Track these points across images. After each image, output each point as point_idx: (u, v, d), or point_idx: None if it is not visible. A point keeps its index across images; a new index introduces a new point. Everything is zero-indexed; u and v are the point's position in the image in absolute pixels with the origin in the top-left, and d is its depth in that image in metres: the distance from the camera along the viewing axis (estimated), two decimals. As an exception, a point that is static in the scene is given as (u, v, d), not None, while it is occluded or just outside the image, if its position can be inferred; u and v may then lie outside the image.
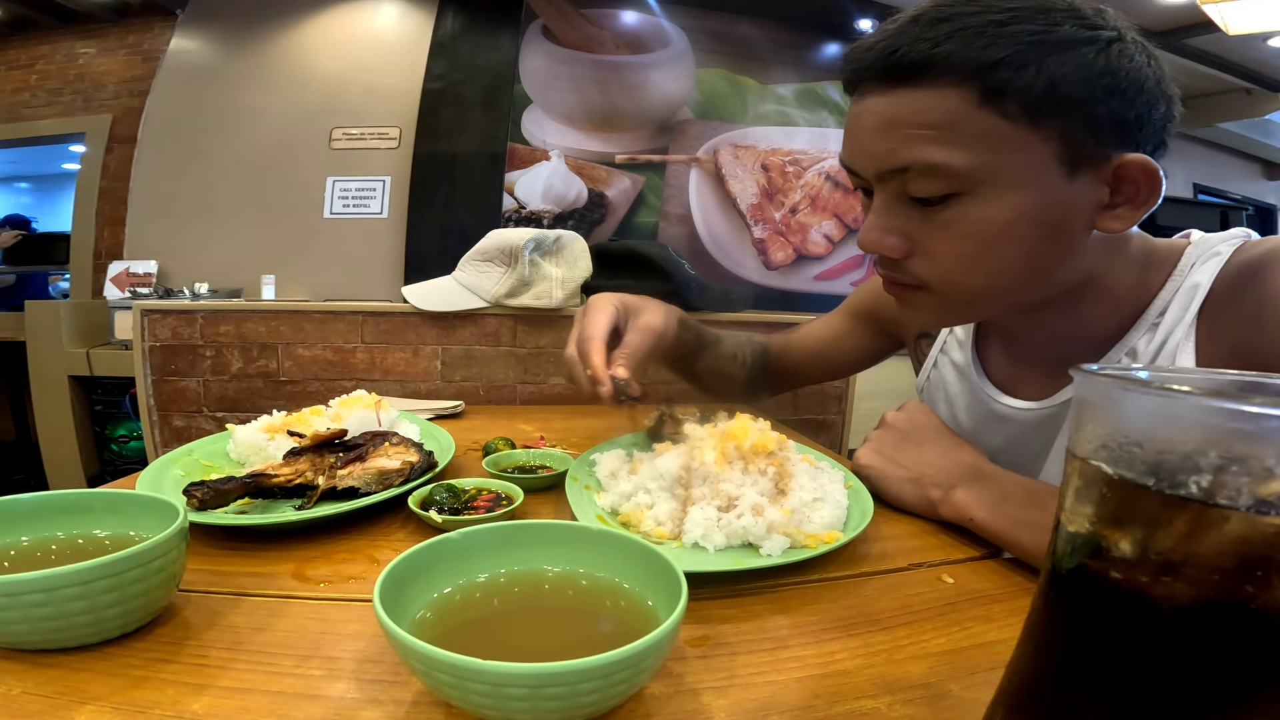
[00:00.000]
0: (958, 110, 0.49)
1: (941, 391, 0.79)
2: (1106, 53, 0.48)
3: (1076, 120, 0.48)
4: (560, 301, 1.46)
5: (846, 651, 0.39)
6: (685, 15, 3.61)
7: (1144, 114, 0.49)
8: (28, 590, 0.33)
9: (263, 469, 0.58)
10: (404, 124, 3.42)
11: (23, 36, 3.55)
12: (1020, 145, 0.49)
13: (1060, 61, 0.47)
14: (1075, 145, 0.49)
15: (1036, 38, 0.47)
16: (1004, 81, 0.47)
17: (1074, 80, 0.47)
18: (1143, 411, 0.22)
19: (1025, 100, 0.47)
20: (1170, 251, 0.59)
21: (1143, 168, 0.50)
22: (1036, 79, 0.47)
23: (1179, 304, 0.56)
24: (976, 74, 0.48)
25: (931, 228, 0.53)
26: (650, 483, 0.57)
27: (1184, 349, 0.55)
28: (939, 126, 0.49)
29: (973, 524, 0.55)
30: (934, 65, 0.49)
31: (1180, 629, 0.21)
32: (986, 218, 0.51)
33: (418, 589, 0.36)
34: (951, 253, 0.54)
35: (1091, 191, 0.51)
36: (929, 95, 0.49)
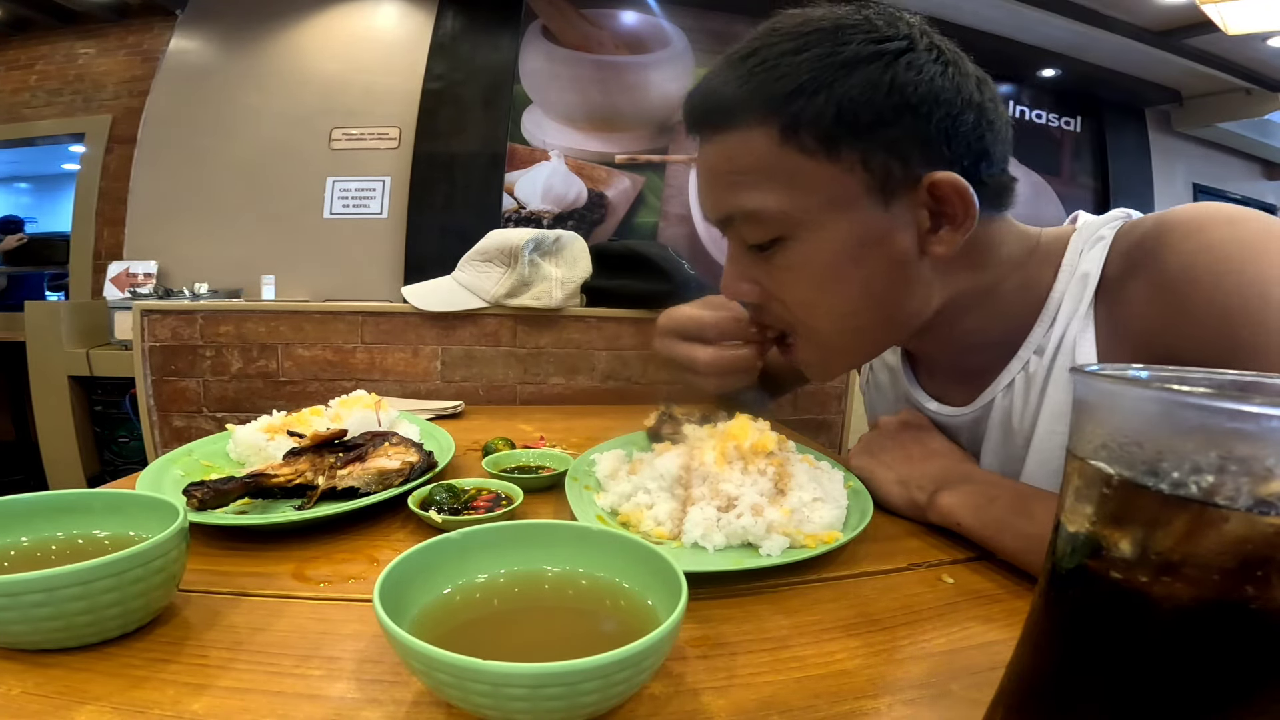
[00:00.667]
0: (762, 152, 0.49)
1: (879, 393, 0.80)
2: (894, 67, 0.47)
3: (874, 145, 0.48)
4: (560, 301, 1.46)
5: (846, 651, 0.39)
6: (685, 15, 3.61)
7: (948, 127, 0.48)
8: (28, 590, 0.33)
9: (263, 469, 0.58)
10: (404, 124, 3.42)
11: (23, 36, 3.55)
12: (825, 181, 0.49)
13: (847, 85, 0.47)
14: (881, 172, 0.49)
15: (825, 61, 0.47)
16: (797, 113, 0.47)
17: (860, 102, 0.47)
18: (1143, 411, 0.22)
19: (818, 131, 0.48)
20: (1056, 241, 0.58)
21: (953, 185, 0.49)
22: (826, 106, 0.47)
23: (1072, 295, 0.55)
24: (774, 110, 0.48)
25: (771, 270, 0.55)
26: (650, 483, 0.57)
27: (1083, 339, 0.54)
28: (749, 171, 0.50)
29: (959, 528, 0.55)
30: (737, 107, 0.49)
31: (1180, 629, 0.21)
32: (810, 259, 0.52)
33: (418, 589, 0.36)
34: (793, 296, 0.55)
35: (910, 217, 0.51)
36: (738, 139, 0.50)
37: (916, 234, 0.51)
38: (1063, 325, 0.56)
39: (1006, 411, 0.61)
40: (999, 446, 0.62)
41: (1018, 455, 0.59)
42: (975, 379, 0.64)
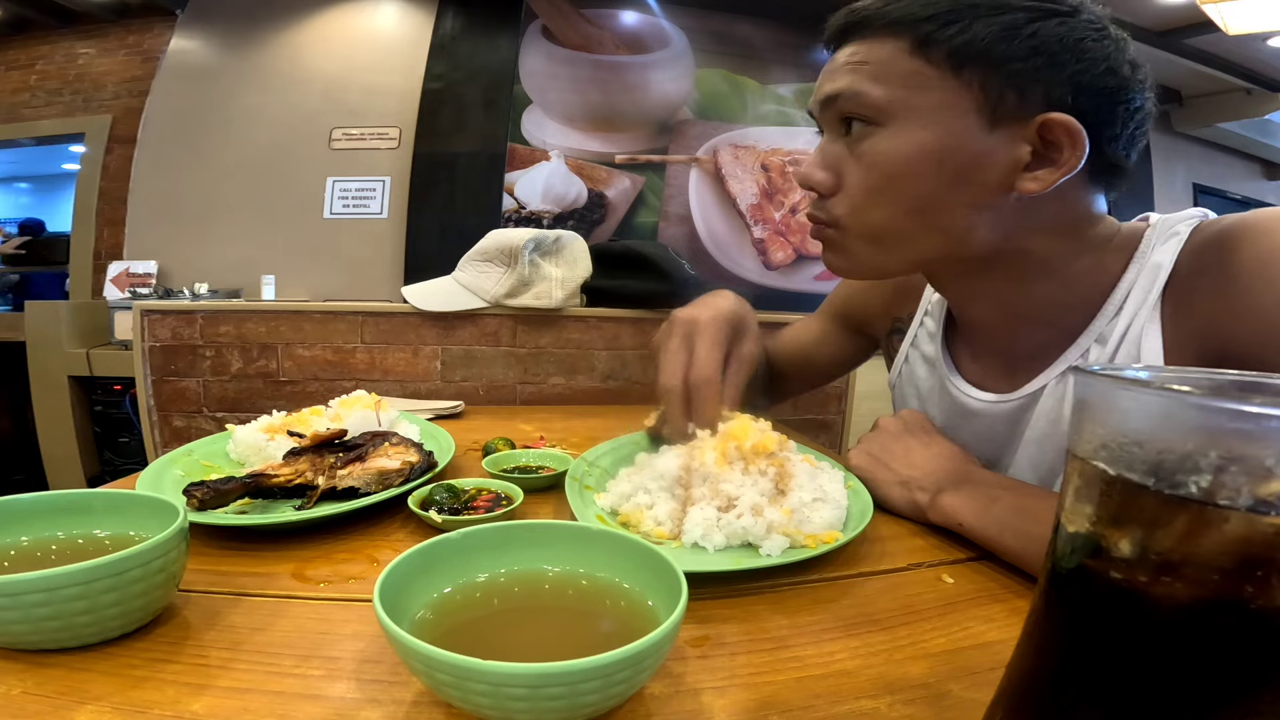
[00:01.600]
0: (890, 54, 0.54)
1: (912, 386, 0.79)
2: (1044, 22, 0.51)
3: (997, 73, 0.51)
4: (560, 301, 1.46)
5: (846, 651, 0.39)
6: (685, 15, 3.61)
7: (1082, 81, 0.51)
8: (28, 590, 0.33)
9: (263, 469, 0.58)
10: (404, 124, 3.42)
11: (23, 36, 3.55)
12: (939, 88, 0.52)
13: (988, 23, 0.51)
14: (996, 98, 0.51)
15: (973, 4, 0.51)
16: (932, 32, 0.52)
17: (996, 38, 0.51)
18: (1143, 411, 0.22)
19: (948, 49, 0.52)
20: (1131, 235, 0.59)
21: (1065, 127, 0.51)
22: (960, 33, 0.51)
23: (1141, 286, 0.56)
24: (911, 26, 0.53)
25: (853, 161, 0.57)
26: (650, 483, 0.57)
27: (1149, 331, 0.54)
28: (871, 63, 0.55)
29: (961, 529, 0.55)
30: (880, 19, 0.54)
31: (1180, 629, 0.21)
32: (892, 150, 0.54)
33: (418, 589, 0.36)
34: (860, 184, 0.57)
35: (1011, 148, 0.52)
36: (872, 44, 0.55)
37: (1011, 166, 0.53)
38: (1129, 317, 0.56)
39: (1059, 400, 0.60)
40: (1044, 437, 0.62)
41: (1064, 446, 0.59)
42: (1024, 364, 0.63)
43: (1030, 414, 0.63)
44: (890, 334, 0.85)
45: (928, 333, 0.77)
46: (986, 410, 0.67)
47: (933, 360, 0.75)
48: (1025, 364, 0.64)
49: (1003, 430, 0.66)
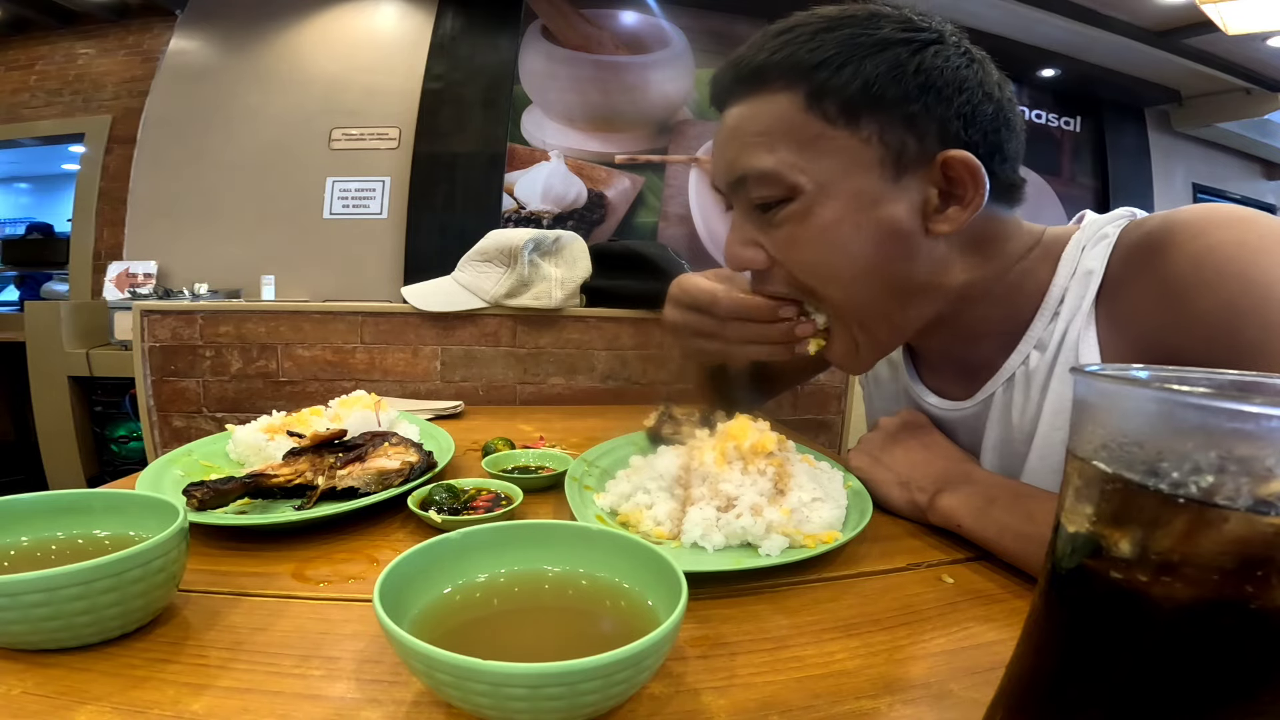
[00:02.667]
0: (786, 115, 0.52)
1: (878, 387, 0.80)
2: (922, 53, 0.50)
3: (894, 119, 0.50)
4: (560, 302, 1.46)
5: (846, 651, 0.39)
6: (685, 15, 3.61)
7: (967, 113, 0.51)
8: (28, 590, 0.33)
9: (262, 469, 0.58)
10: (404, 124, 3.42)
11: (23, 36, 3.55)
12: (841, 149, 0.51)
13: (876, 61, 0.50)
14: (897, 146, 0.51)
15: (856, 39, 0.50)
16: (824, 82, 0.50)
17: (886, 78, 0.50)
18: (1143, 411, 0.22)
19: (842, 100, 0.50)
20: (1057, 238, 0.59)
21: (965, 164, 0.51)
22: (853, 79, 0.50)
23: (1075, 292, 0.55)
24: (802, 76, 0.51)
25: (776, 234, 0.55)
26: (649, 483, 0.57)
27: (1085, 338, 0.54)
28: (769, 132, 0.52)
29: (959, 530, 0.55)
30: (767, 70, 0.52)
31: (1180, 629, 0.21)
32: (813, 224, 0.53)
33: (418, 589, 0.36)
34: (796, 260, 0.55)
35: (919, 194, 0.52)
36: (763, 101, 0.53)
37: (923, 210, 0.53)
38: (1065, 321, 0.56)
39: (1007, 406, 0.61)
40: (999, 442, 0.62)
41: (1019, 451, 0.59)
42: (976, 373, 0.64)
43: (985, 420, 0.63)
44: None
45: None
46: (945, 416, 0.67)
47: (896, 364, 0.76)
48: (976, 372, 0.64)
49: (963, 436, 0.66)
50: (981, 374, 0.63)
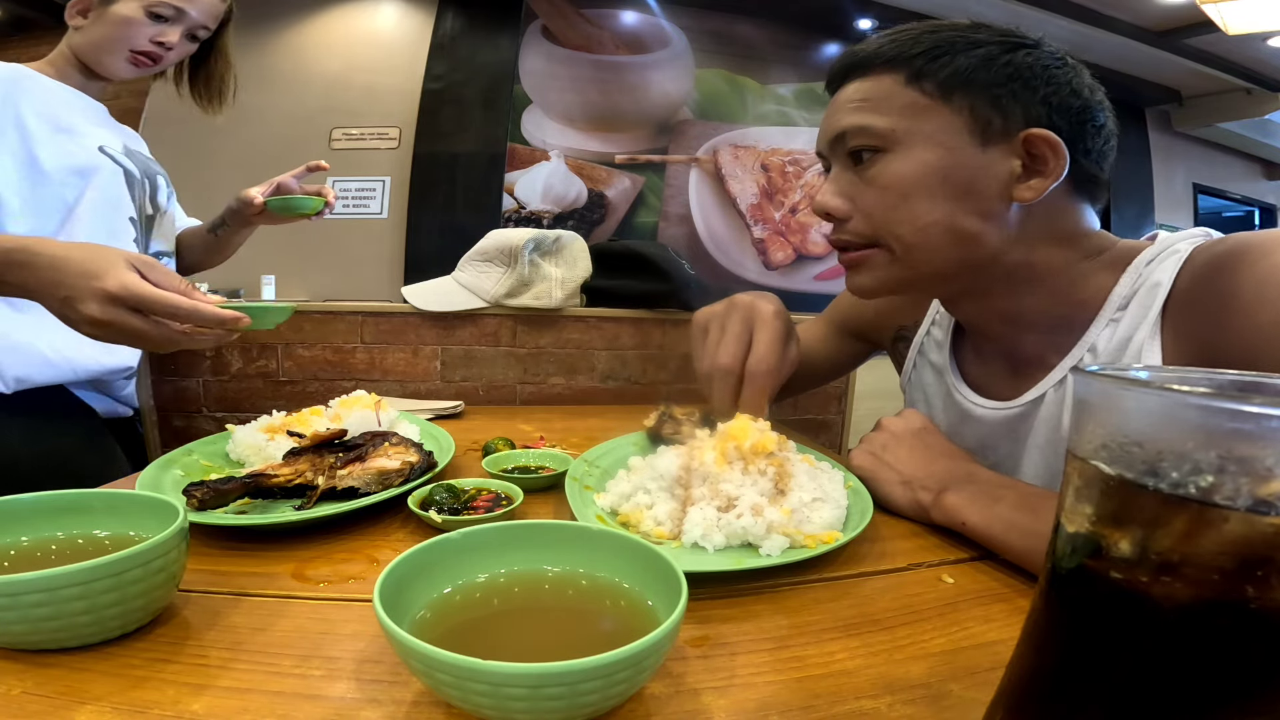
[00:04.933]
0: (887, 88, 0.60)
1: (920, 392, 0.81)
2: (1014, 54, 0.58)
3: (983, 99, 0.58)
4: (560, 301, 1.46)
5: (846, 651, 0.39)
6: (685, 15, 3.61)
7: (1053, 102, 0.58)
8: (28, 590, 0.33)
9: (263, 469, 0.58)
10: (404, 124, 3.42)
11: (22, 36, 3.54)
12: (933, 114, 0.59)
13: (971, 55, 0.58)
14: (984, 120, 0.58)
15: (956, 39, 0.59)
16: (923, 66, 0.59)
17: (978, 68, 0.58)
18: (1143, 411, 0.22)
19: (940, 80, 0.58)
20: (1128, 250, 0.61)
21: (1046, 140, 0.57)
22: (948, 64, 0.58)
23: (1140, 302, 0.57)
24: (905, 62, 0.60)
25: (864, 185, 0.62)
26: (650, 483, 0.57)
27: (1150, 347, 0.56)
28: (872, 99, 0.61)
29: (964, 528, 0.55)
30: (875, 58, 0.61)
31: (1180, 629, 0.21)
32: (902, 171, 0.60)
33: (418, 589, 0.36)
34: (877, 205, 0.62)
35: (1003, 162, 0.58)
36: (869, 80, 0.62)
37: (1006, 178, 0.58)
38: (1127, 329, 0.58)
39: (1059, 407, 0.62)
40: (1047, 442, 0.63)
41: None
42: (1025, 370, 0.66)
43: (1033, 421, 0.65)
44: (895, 341, 0.87)
45: (935, 341, 0.79)
46: (989, 416, 0.69)
47: (939, 368, 0.77)
48: (1027, 371, 0.66)
49: (1006, 437, 0.67)
50: (1027, 373, 0.65)
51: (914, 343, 0.82)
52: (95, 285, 0.64)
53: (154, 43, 0.99)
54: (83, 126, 1.00)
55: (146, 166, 1.14)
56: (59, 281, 0.65)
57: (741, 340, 0.69)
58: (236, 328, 0.67)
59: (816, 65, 3.71)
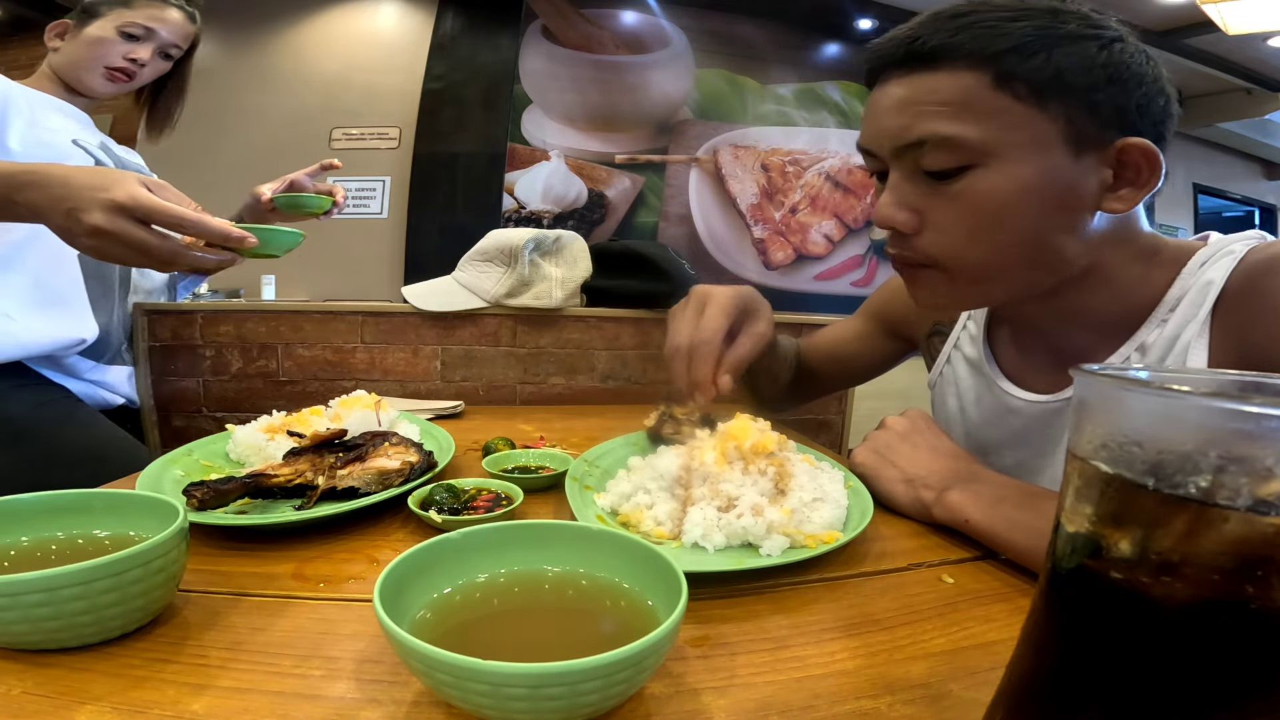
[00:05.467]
0: (972, 90, 0.53)
1: (953, 386, 0.80)
2: (1109, 49, 0.52)
3: (1080, 104, 0.52)
4: (560, 301, 1.46)
5: (846, 651, 0.39)
6: (685, 15, 3.61)
7: (1143, 104, 0.53)
8: (28, 590, 0.33)
9: (263, 469, 0.58)
10: (404, 124, 3.42)
11: (23, 36, 3.55)
12: (1028, 123, 0.53)
13: (1066, 52, 0.52)
14: (1079, 127, 0.53)
15: (1045, 31, 0.52)
16: (1014, 66, 0.52)
17: (1077, 69, 0.52)
18: (1143, 411, 0.22)
19: (1033, 83, 0.52)
20: (1182, 250, 0.60)
21: (1143, 151, 0.53)
22: (1045, 65, 0.51)
23: (1191, 301, 0.57)
24: (990, 58, 0.52)
25: (941, 201, 0.56)
26: (650, 483, 0.57)
27: (1197, 346, 0.56)
28: (954, 103, 0.53)
29: (967, 525, 0.55)
30: (952, 50, 0.53)
31: (1180, 629, 0.21)
32: (995, 189, 0.54)
33: (418, 589, 0.36)
34: (959, 225, 0.56)
35: (1095, 172, 0.54)
36: (945, 77, 0.54)
37: (1098, 189, 0.55)
38: (1175, 328, 0.57)
39: None
40: None
41: None
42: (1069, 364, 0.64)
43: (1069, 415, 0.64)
44: (930, 336, 0.86)
45: (970, 336, 0.78)
46: (1026, 409, 0.68)
47: (974, 362, 0.76)
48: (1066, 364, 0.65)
49: (1042, 430, 0.67)
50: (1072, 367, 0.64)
51: (950, 338, 0.81)
52: (102, 195, 0.65)
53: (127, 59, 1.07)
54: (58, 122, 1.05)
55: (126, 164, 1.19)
56: (66, 196, 0.66)
57: (689, 321, 0.69)
58: (242, 247, 0.69)
59: (816, 65, 3.71)
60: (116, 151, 1.21)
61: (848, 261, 3.79)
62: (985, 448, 0.74)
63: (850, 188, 3.76)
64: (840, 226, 3.76)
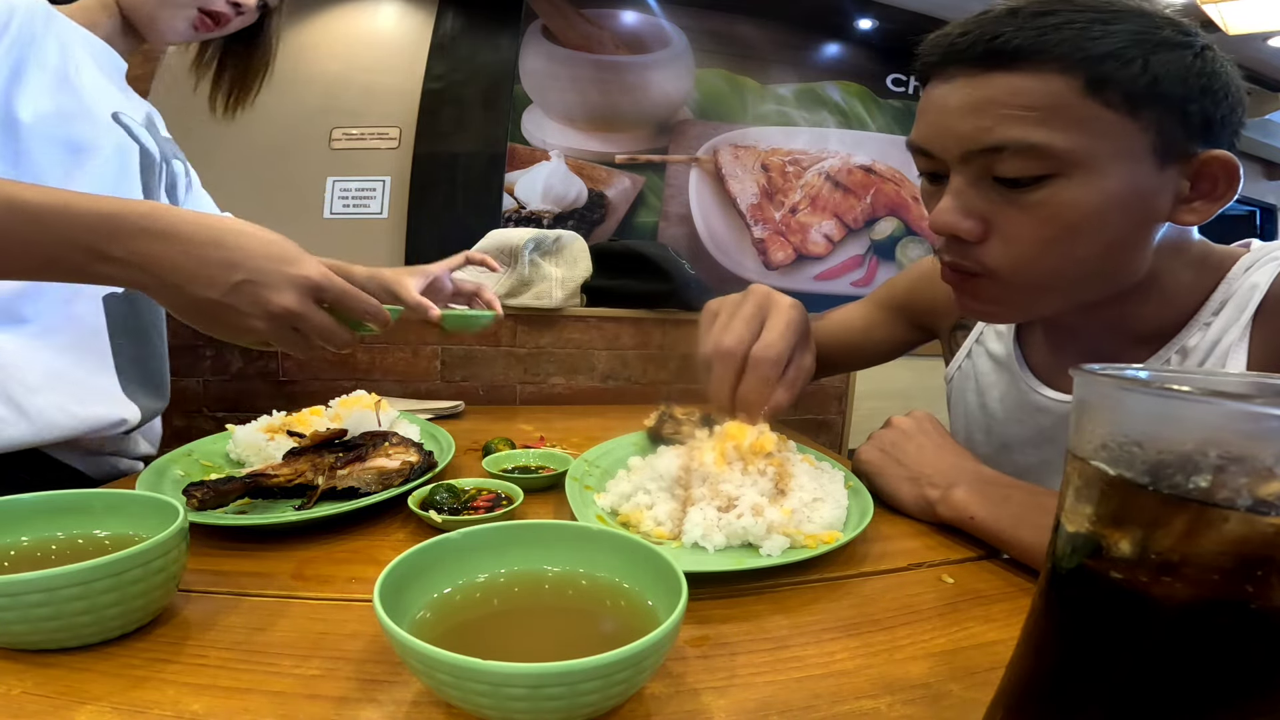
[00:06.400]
0: (1061, 95, 0.50)
1: (973, 381, 0.79)
2: (1202, 57, 0.50)
3: (1172, 114, 0.50)
4: (560, 301, 1.46)
5: (846, 651, 0.39)
6: (685, 15, 3.61)
7: (1227, 115, 0.52)
8: (28, 590, 0.33)
9: (263, 469, 0.58)
10: (404, 124, 3.42)
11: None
12: (1119, 133, 0.50)
13: (1163, 60, 0.49)
14: (1169, 138, 0.50)
15: (1141, 36, 0.49)
16: (1110, 72, 0.49)
17: (1174, 78, 0.49)
18: (1143, 411, 0.22)
19: (1128, 91, 0.49)
20: (1226, 256, 0.60)
21: (1224, 163, 0.51)
22: (1142, 73, 0.49)
23: (1234, 305, 0.57)
24: (1083, 63, 0.49)
25: (1015, 210, 0.53)
26: (650, 483, 0.57)
27: (1237, 350, 0.55)
28: (1040, 109, 0.50)
29: (972, 523, 0.55)
30: (1040, 51, 0.50)
31: (1180, 629, 0.21)
32: (1078, 201, 0.51)
33: (418, 589, 0.36)
34: (1032, 237, 0.53)
35: (1174, 183, 0.52)
36: (1030, 79, 0.50)
37: (1172, 200, 0.53)
38: (1217, 332, 0.57)
39: None
40: None
41: None
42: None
43: None
44: (954, 329, 0.85)
45: (996, 331, 0.77)
46: (1058, 409, 0.68)
47: (1000, 358, 0.75)
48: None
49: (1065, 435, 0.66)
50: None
51: (973, 331, 0.80)
52: (291, 271, 0.54)
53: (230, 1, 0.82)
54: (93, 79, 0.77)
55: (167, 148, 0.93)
56: (233, 262, 0.52)
57: (751, 326, 0.63)
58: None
59: (816, 65, 3.71)
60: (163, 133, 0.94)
61: (848, 261, 3.78)
62: (1008, 444, 0.73)
63: (850, 188, 3.76)
64: (840, 226, 3.75)
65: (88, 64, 0.77)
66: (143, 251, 0.51)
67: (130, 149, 0.79)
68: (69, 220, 0.50)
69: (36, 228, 0.50)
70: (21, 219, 0.49)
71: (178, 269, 0.51)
